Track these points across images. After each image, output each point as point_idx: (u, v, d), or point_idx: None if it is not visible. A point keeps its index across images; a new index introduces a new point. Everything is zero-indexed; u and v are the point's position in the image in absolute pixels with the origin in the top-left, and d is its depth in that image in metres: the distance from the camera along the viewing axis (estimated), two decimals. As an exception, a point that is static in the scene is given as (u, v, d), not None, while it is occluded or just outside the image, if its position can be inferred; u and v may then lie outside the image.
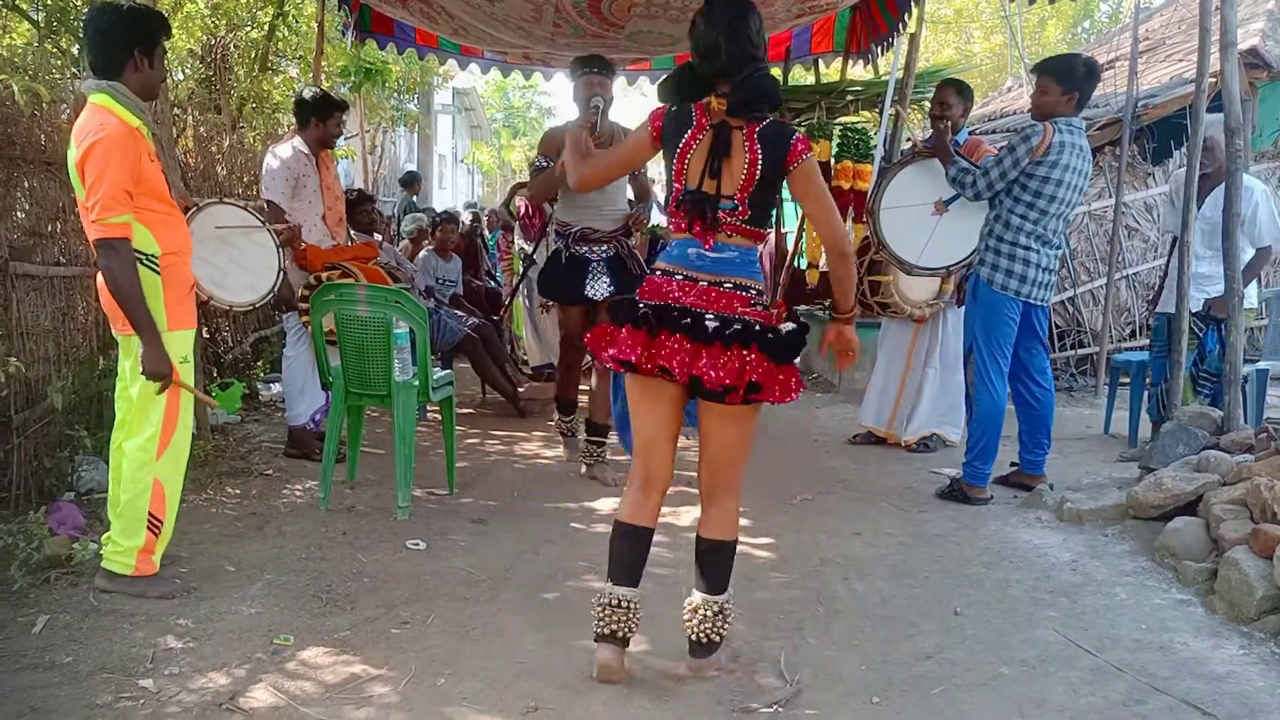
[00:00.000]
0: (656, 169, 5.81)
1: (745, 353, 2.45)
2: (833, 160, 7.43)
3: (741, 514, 2.82)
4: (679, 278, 2.57)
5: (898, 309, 5.26)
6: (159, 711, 2.39)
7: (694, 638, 2.62)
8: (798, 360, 2.52)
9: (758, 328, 2.49)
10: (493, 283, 8.11)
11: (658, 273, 2.62)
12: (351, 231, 5.42)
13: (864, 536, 3.90)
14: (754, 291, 2.55)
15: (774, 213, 2.60)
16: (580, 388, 4.96)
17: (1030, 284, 4.20)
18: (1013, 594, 3.31)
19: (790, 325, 2.51)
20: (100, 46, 2.94)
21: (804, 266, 8.09)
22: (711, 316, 2.49)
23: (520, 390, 6.29)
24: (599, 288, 4.44)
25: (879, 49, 7.01)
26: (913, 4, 6.23)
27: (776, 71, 8.39)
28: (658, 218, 7.01)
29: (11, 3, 6.49)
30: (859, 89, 7.68)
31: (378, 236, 6.28)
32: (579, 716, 2.45)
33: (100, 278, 2.99)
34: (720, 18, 2.52)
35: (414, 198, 11.73)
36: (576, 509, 4.21)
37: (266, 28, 8.22)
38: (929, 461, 5.13)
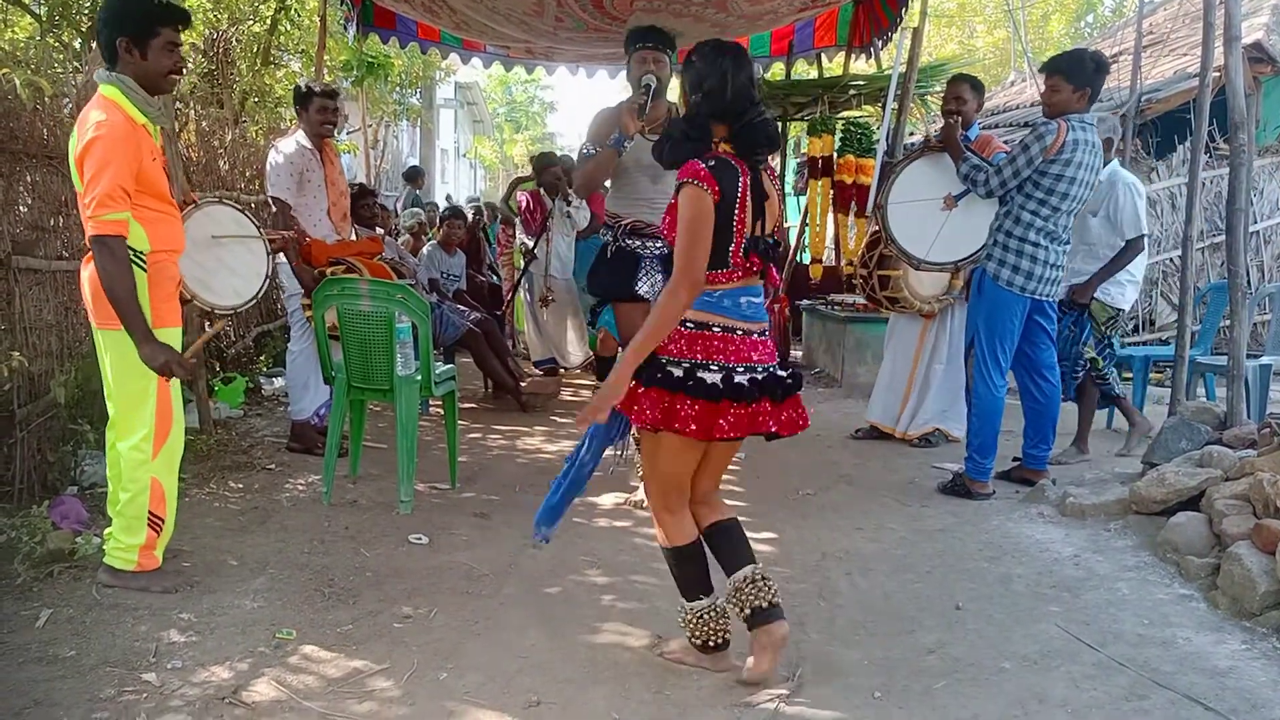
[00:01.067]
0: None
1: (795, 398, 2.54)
2: (835, 155, 7.45)
3: (743, 508, 2.83)
4: (739, 333, 2.47)
5: (907, 304, 5.25)
6: (162, 705, 2.40)
7: (766, 604, 2.55)
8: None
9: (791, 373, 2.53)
10: (495, 278, 8.11)
11: (716, 328, 2.45)
12: (354, 226, 5.42)
13: (866, 531, 3.90)
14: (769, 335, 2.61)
15: None
16: (581, 384, 4.93)
17: (1038, 280, 4.19)
18: (1015, 589, 3.31)
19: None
20: (97, 35, 2.96)
21: (807, 261, 8.11)
22: (783, 373, 2.50)
23: (522, 385, 6.30)
24: (651, 285, 4.16)
25: (881, 43, 7.00)
26: (914, -2, 6.23)
27: (779, 66, 8.39)
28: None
29: (14, -4, 6.48)
30: (861, 83, 7.68)
31: (380, 231, 6.28)
32: (581, 711, 2.45)
33: (83, 269, 2.98)
34: (720, 56, 2.47)
35: (417, 192, 11.75)
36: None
37: (269, 22, 8.20)
38: (931, 456, 5.12)
